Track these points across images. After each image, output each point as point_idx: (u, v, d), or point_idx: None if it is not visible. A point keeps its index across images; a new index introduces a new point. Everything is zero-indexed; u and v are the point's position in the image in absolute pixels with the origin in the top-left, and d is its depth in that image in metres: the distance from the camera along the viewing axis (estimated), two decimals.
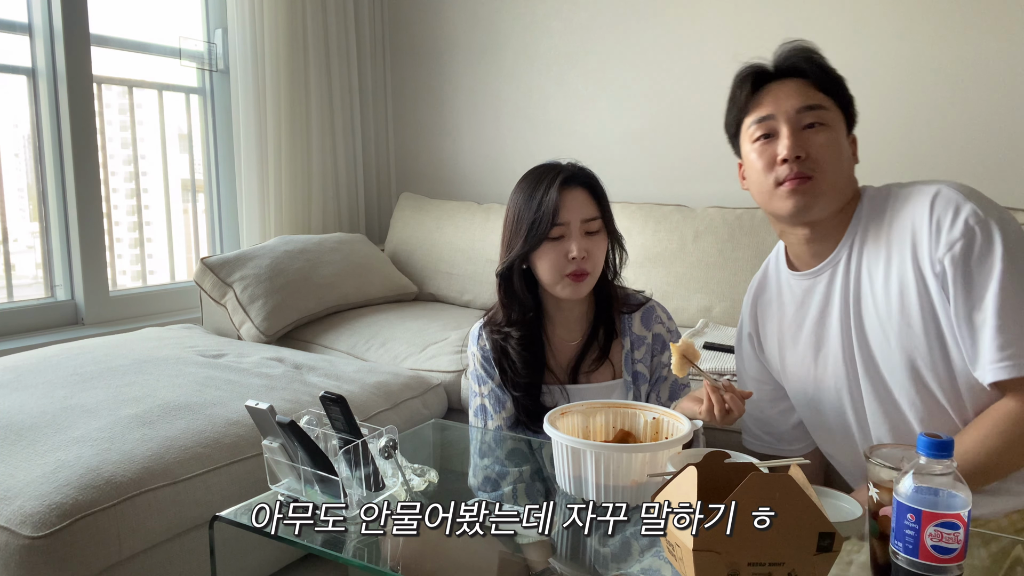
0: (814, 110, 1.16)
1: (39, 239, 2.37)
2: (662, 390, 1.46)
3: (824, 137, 1.16)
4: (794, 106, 1.16)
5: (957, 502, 0.77)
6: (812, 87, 1.18)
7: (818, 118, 1.16)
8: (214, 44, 2.78)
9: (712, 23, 2.52)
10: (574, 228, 1.34)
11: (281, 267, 2.36)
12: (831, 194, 1.16)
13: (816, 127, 1.16)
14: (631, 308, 1.46)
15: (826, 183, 1.15)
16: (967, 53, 2.15)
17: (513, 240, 1.38)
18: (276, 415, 1.06)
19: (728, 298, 2.21)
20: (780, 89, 1.19)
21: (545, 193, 1.34)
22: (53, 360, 1.77)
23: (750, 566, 0.76)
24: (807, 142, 1.15)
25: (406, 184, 3.28)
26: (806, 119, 1.16)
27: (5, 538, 1.12)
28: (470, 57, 3.05)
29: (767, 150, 1.18)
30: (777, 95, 1.19)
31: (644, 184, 2.68)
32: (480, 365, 1.45)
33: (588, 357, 1.43)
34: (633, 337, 1.44)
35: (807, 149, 1.15)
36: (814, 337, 1.25)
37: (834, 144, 1.16)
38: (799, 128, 1.16)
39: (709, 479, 0.82)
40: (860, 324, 1.18)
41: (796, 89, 1.18)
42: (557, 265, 1.34)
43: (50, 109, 2.30)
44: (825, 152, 1.15)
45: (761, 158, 1.19)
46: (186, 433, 1.40)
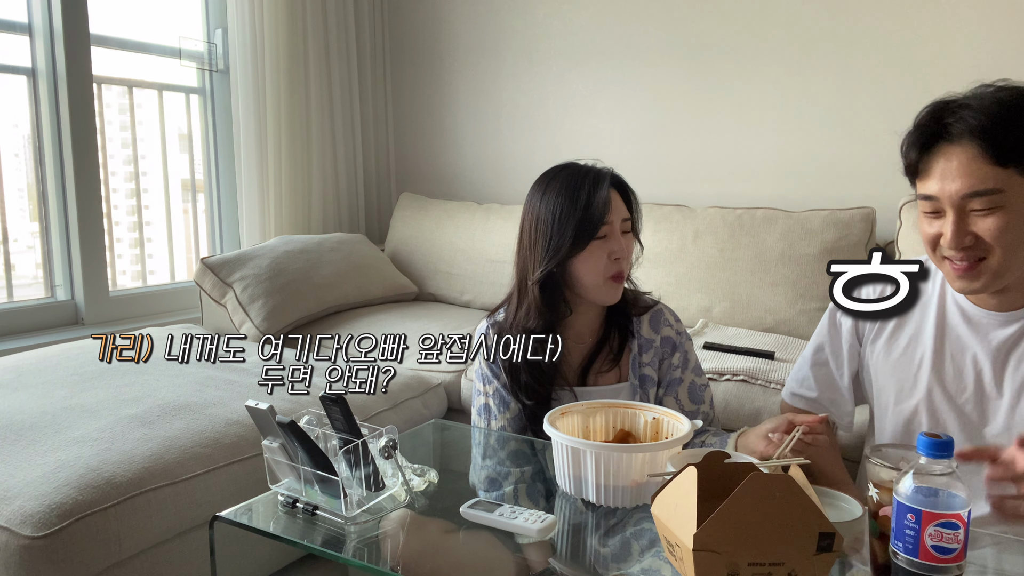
0: (983, 196, 1.03)
1: (39, 239, 2.37)
2: (680, 393, 1.43)
3: (995, 222, 1.03)
4: (959, 191, 1.04)
5: (957, 502, 0.77)
6: (985, 163, 1.02)
7: (989, 203, 1.03)
8: (214, 44, 2.78)
9: (712, 23, 2.52)
10: (616, 228, 1.33)
11: (281, 267, 2.36)
12: (1005, 277, 1.08)
13: (988, 211, 1.04)
14: (640, 311, 1.44)
15: (999, 268, 1.06)
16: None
17: (554, 242, 1.32)
18: (276, 415, 1.06)
19: (728, 298, 2.21)
20: (948, 164, 1.05)
21: (593, 193, 1.31)
22: (53, 360, 1.77)
23: (750, 566, 0.76)
24: (975, 226, 1.05)
25: (406, 184, 3.28)
26: (975, 204, 1.04)
27: (5, 538, 1.12)
28: (470, 57, 3.05)
29: (934, 225, 1.10)
30: (944, 171, 1.06)
31: (644, 184, 2.65)
32: (486, 364, 1.43)
33: (600, 359, 1.42)
34: (642, 340, 1.42)
35: (975, 233, 1.05)
36: (953, 369, 1.19)
37: (1010, 227, 1.04)
38: (966, 213, 1.05)
39: (709, 479, 0.82)
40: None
41: (965, 167, 1.03)
42: (601, 266, 1.32)
43: (50, 109, 2.30)
44: (997, 238, 1.04)
45: (928, 230, 1.11)
46: (186, 433, 1.40)
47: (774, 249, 2.16)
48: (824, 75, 2.37)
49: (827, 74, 2.37)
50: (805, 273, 2.12)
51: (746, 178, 2.54)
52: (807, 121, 2.42)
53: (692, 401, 1.44)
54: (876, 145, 2.30)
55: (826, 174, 2.41)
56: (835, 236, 2.11)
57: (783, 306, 2.14)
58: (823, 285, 2.10)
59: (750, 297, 2.18)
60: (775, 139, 2.47)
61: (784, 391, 1.41)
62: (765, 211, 2.25)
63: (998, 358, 1.16)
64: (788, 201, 2.40)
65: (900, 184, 1.27)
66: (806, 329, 2.09)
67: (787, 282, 2.14)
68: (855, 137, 2.35)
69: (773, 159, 2.49)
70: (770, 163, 2.49)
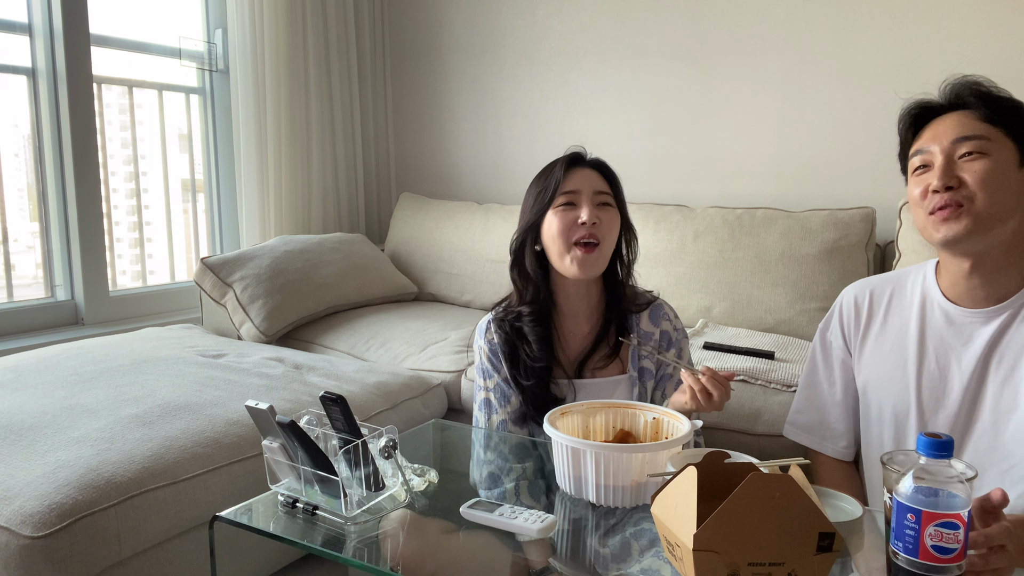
0: (971, 140, 1.12)
1: (39, 239, 2.37)
2: (668, 388, 1.47)
3: (981, 165, 1.11)
4: (951, 136, 1.14)
5: (957, 502, 0.77)
6: (975, 118, 1.14)
7: (976, 147, 1.12)
8: (214, 44, 2.78)
9: (712, 23, 2.52)
10: (585, 196, 1.38)
11: (281, 267, 2.36)
12: (988, 224, 1.11)
13: (974, 155, 1.12)
14: (639, 307, 1.48)
15: (981, 212, 1.11)
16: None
17: (526, 215, 1.43)
18: (276, 415, 1.06)
19: (728, 298, 2.21)
20: (940, 122, 1.17)
21: (551, 169, 1.42)
22: (53, 360, 1.77)
23: (750, 566, 0.76)
24: (962, 171, 1.12)
25: (406, 184, 3.28)
26: (962, 148, 1.13)
27: (5, 538, 1.12)
28: (470, 57, 3.05)
29: (922, 180, 1.16)
30: (936, 128, 1.17)
31: (644, 184, 2.68)
32: (487, 358, 1.45)
33: (598, 353, 1.44)
34: (641, 334, 1.45)
35: (961, 177, 1.12)
36: (938, 372, 1.21)
37: (993, 173, 1.11)
38: (954, 158, 1.13)
39: (709, 479, 0.82)
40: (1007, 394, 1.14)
41: (956, 121, 1.15)
42: (566, 231, 1.36)
43: (50, 109, 2.30)
44: (981, 180, 1.11)
45: (916, 188, 1.17)
46: (186, 433, 1.40)
47: (774, 249, 2.16)
48: (824, 75, 2.37)
49: (827, 74, 2.37)
50: (805, 273, 2.12)
51: (746, 178, 2.54)
52: (807, 121, 2.42)
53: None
54: (876, 145, 2.30)
55: (826, 174, 2.41)
56: (835, 236, 2.11)
57: (783, 306, 2.14)
58: (823, 285, 2.10)
59: (750, 297, 2.18)
60: (775, 139, 2.47)
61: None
62: (765, 211, 2.25)
63: (981, 358, 1.17)
64: (788, 201, 2.40)
65: (900, 184, 1.28)
66: (806, 329, 2.09)
67: (787, 282, 2.14)
68: (855, 137, 2.35)
69: (773, 159, 2.49)
70: (770, 163, 2.49)
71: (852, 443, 1.36)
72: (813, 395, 1.40)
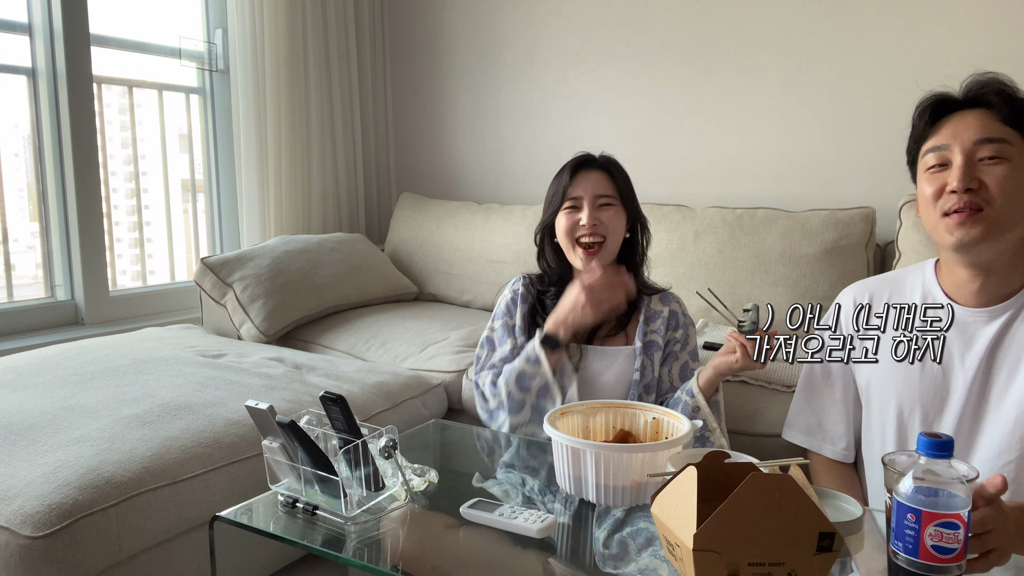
0: (994, 143, 1.10)
1: (39, 239, 2.37)
2: (673, 368, 1.56)
3: (1002, 171, 1.09)
4: (972, 137, 1.11)
5: (957, 502, 0.77)
6: (996, 119, 1.12)
7: (998, 152, 1.10)
8: (214, 44, 2.78)
9: (712, 23, 2.52)
10: (587, 201, 1.53)
11: (281, 267, 2.36)
12: (1004, 233, 1.10)
13: (995, 160, 1.10)
14: (652, 290, 1.63)
15: (998, 218, 1.09)
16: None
17: (543, 214, 1.64)
18: (276, 415, 1.06)
19: (728, 298, 2.20)
20: (961, 120, 1.14)
21: (562, 173, 1.59)
22: (53, 360, 1.77)
23: (750, 566, 0.76)
24: (982, 173, 1.10)
25: (406, 184, 3.28)
26: (984, 151, 1.11)
27: (5, 538, 1.12)
28: (470, 57, 3.05)
29: (938, 179, 1.14)
30: (956, 125, 1.14)
31: (644, 184, 2.66)
32: (506, 304, 1.61)
33: (606, 325, 1.57)
34: (649, 312, 1.59)
35: (981, 180, 1.10)
36: (940, 372, 1.21)
37: (1014, 179, 1.09)
38: (974, 160, 1.11)
39: (709, 479, 0.82)
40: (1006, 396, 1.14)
41: (977, 120, 1.13)
42: (570, 231, 1.54)
43: (50, 109, 2.30)
44: (1002, 186, 1.09)
45: (931, 186, 1.15)
46: (186, 433, 1.40)
47: (774, 249, 2.16)
48: (824, 75, 2.37)
49: (827, 74, 2.37)
50: (805, 273, 2.12)
51: (746, 178, 2.54)
52: (807, 121, 2.42)
53: (682, 380, 1.55)
54: (876, 145, 2.30)
55: (826, 174, 2.41)
56: (835, 236, 2.11)
57: (783, 306, 2.13)
58: (823, 285, 2.10)
59: (750, 297, 2.18)
60: (775, 139, 2.47)
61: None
62: (765, 211, 2.25)
63: (985, 357, 1.17)
64: (788, 201, 2.40)
65: (900, 184, 1.28)
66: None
67: (787, 282, 2.14)
68: (855, 137, 2.35)
69: (773, 159, 2.49)
70: (770, 163, 2.49)
71: (851, 445, 1.36)
72: (811, 397, 1.39)
